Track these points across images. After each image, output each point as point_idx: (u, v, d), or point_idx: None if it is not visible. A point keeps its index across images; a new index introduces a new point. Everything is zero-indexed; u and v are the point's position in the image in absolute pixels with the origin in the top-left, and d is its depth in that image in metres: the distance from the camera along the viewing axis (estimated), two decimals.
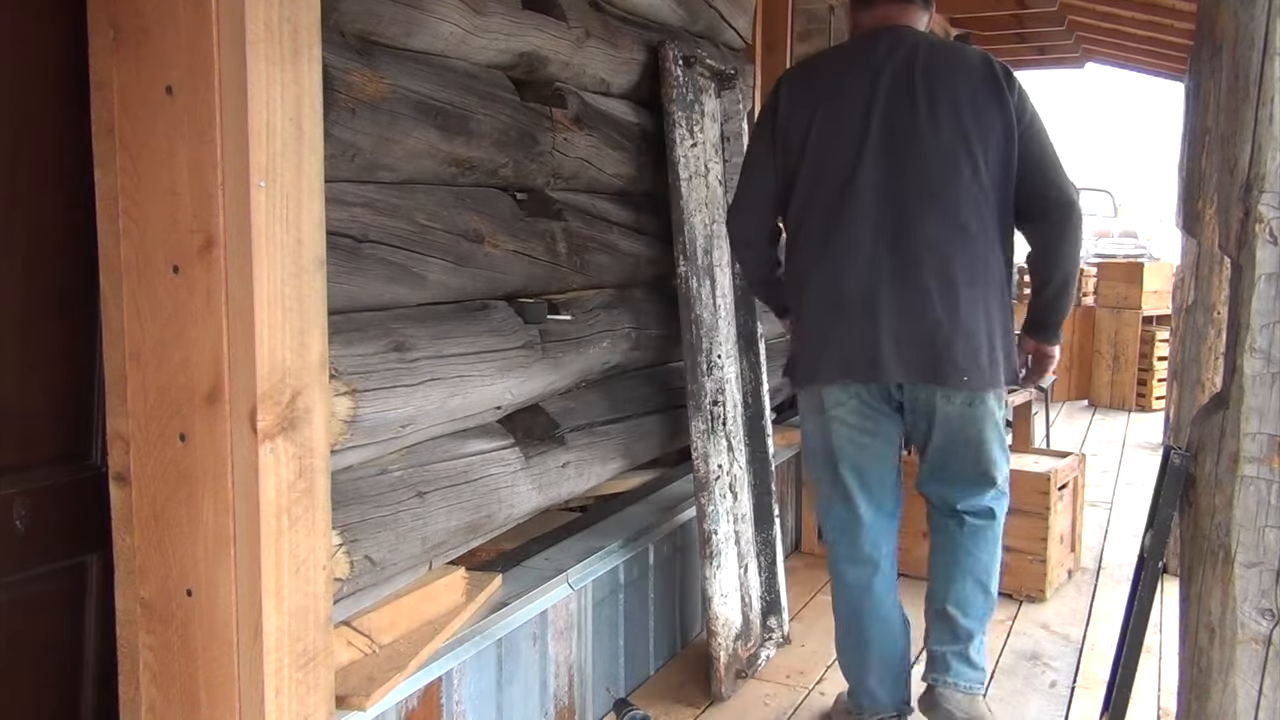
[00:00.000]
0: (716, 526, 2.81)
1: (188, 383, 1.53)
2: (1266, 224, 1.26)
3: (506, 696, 2.31)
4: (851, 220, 2.32)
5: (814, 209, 2.38)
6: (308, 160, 1.55)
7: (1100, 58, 7.58)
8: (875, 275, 2.30)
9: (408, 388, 1.98)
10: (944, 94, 2.31)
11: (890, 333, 2.29)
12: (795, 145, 2.40)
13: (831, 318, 2.35)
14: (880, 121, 2.31)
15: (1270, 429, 1.29)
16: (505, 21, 2.26)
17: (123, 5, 1.50)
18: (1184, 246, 4.77)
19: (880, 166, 2.31)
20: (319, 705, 1.64)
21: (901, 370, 2.31)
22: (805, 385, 2.48)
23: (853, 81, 2.36)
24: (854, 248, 2.31)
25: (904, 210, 2.30)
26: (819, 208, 2.37)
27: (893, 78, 2.33)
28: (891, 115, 2.31)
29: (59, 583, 1.69)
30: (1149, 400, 7.01)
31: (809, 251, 2.40)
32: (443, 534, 2.12)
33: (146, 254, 1.53)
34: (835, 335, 2.35)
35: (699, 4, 3.17)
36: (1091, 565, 3.93)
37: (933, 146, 2.29)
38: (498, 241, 2.28)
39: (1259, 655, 1.31)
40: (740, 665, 2.89)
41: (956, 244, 2.29)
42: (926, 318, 2.28)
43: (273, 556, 1.53)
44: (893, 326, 2.29)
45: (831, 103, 2.36)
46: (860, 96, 2.33)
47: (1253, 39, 1.26)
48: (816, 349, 2.40)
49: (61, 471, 1.68)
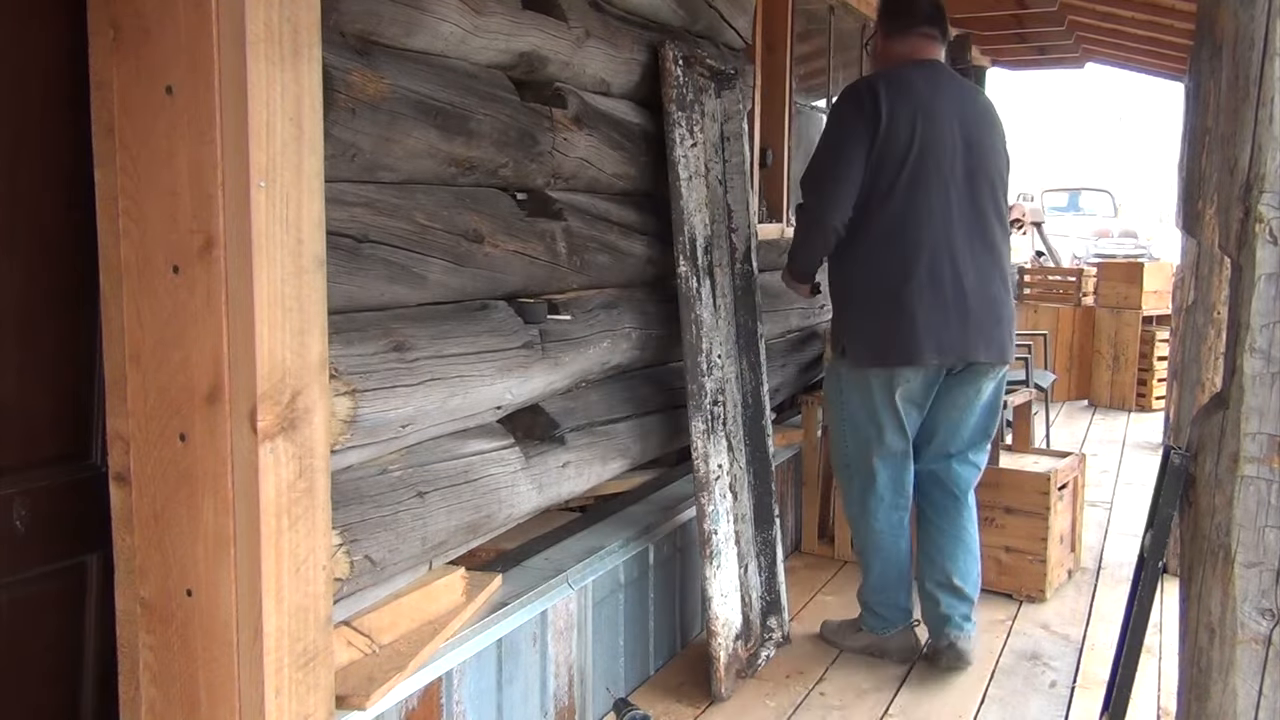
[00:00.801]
0: (716, 526, 2.81)
1: (188, 383, 1.53)
2: (1266, 224, 1.26)
3: (506, 696, 2.31)
4: (949, 222, 2.75)
5: (914, 209, 2.75)
6: (308, 160, 1.55)
7: (1100, 58, 7.58)
8: (965, 273, 2.75)
9: (408, 388, 1.98)
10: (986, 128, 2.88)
11: (976, 323, 2.76)
12: (899, 151, 2.74)
13: (928, 306, 2.72)
14: (963, 143, 2.79)
15: (1270, 429, 1.29)
16: (505, 21, 2.26)
17: (123, 5, 1.50)
18: (1184, 246, 4.77)
19: (964, 181, 2.78)
20: (319, 705, 1.64)
21: (983, 352, 2.80)
22: (893, 365, 2.80)
23: (942, 104, 2.80)
24: (951, 247, 2.74)
25: (980, 216, 2.80)
26: (919, 209, 2.74)
27: (961, 106, 2.83)
28: (969, 138, 2.80)
29: (59, 583, 1.69)
30: (1149, 400, 7.01)
31: (905, 247, 2.75)
32: (443, 534, 2.12)
33: (146, 254, 1.53)
34: (933, 321, 2.73)
35: (699, 4, 3.17)
36: (1091, 565, 3.93)
37: (992, 169, 2.85)
38: (498, 241, 2.28)
39: (1259, 655, 1.31)
40: (740, 665, 2.89)
41: (1001, 250, 2.86)
42: (996, 311, 2.80)
43: (273, 556, 1.53)
44: (978, 318, 2.76)
45: (930, 120, 2.77)
46: (950, 118, 2.79)
47: (1253, 39, 1.26)
48: (907, 332, 2.74)
49: (61, 471, 1.68)
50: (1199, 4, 1.50)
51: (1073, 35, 6.64)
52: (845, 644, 3.12)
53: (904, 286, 2.73)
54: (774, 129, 4.38)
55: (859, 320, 2.85)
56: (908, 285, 2.72)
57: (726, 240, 3.11)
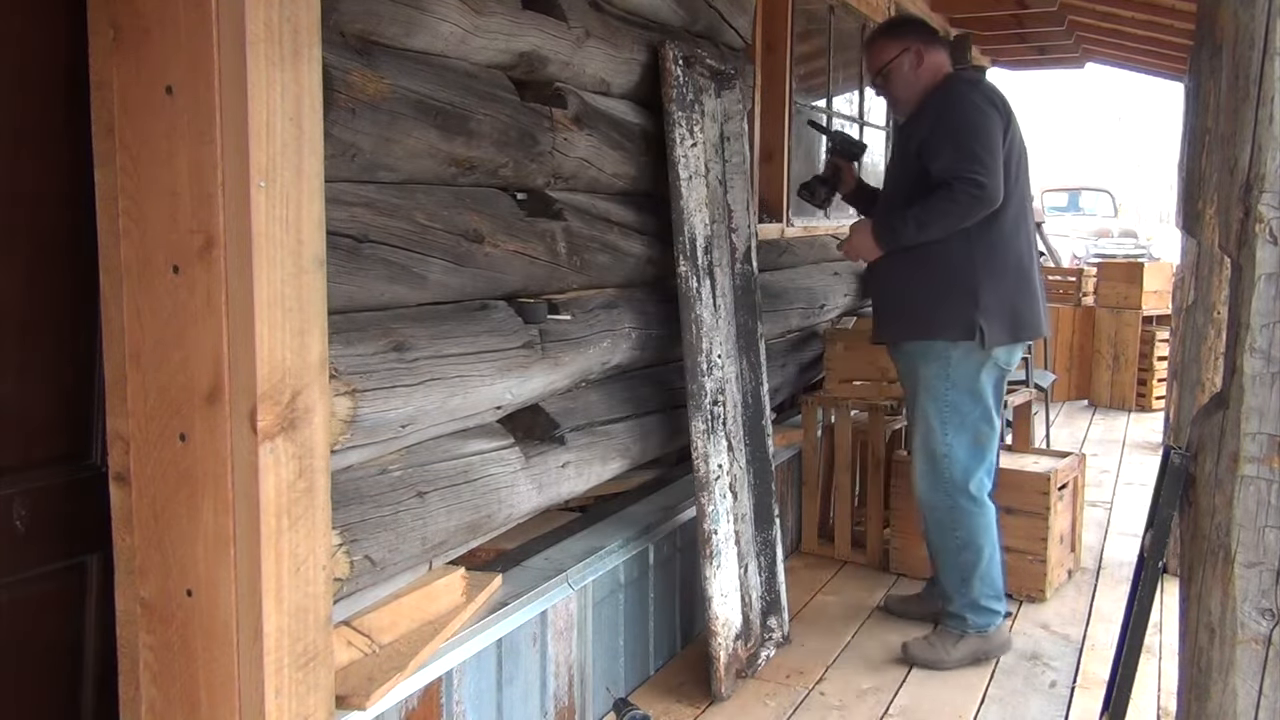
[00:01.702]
0: (716, 526, 2.81)
1: (188, 383, 1.53)
2: (1266, 224, 1.26)
3: (506, 696, 2.31)
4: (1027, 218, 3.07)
5: (1020, 198, 3.02)
6: (308, 160, 1.55)
7: (1100, 58, 7.58)
8: (1033, 263, 3.07)
9: (408, 388, 1.98)
10: None
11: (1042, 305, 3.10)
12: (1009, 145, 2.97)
13: (1020, 290, 3.00)
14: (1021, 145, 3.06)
15: (1270, 429, 1.29)
16: (505, 21, 2.26)
17: (123, 5, 1.50)
18: (1184, 246, 4.77)
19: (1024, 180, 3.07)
20: (319, 705, 1.64)
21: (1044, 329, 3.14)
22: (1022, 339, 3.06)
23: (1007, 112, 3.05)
24: (1027, 238, 3.06)
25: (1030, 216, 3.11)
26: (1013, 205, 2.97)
27: None
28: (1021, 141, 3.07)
29: (59, 583, 1.69)
30: (1149, 400, 7.00)
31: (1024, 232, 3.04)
32: (443, 534, 2.12)
33: (146, 254, 1.53)
34: (1024, 305, 3.00)
35: (699, 4, 3.17)
36: (1091, 565, 3.93)
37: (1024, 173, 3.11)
38: (498, 241, 2.28)
39: (1259, 655, 1.31)
40: (740, 665, 2.89)
41: None
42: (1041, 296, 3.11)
43: (273, 556, 1.53)
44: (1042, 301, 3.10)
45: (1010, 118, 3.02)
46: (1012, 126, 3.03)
47: (1253, 39, 1.26)
48: (1036, 309, 3.04)
49: (61, 471, 1.68)
50: (1199, 4, 1.50)
51: (1073, 35, 6.64)
52: (950, 660, 3.03)
53: (1031, 268, 3.04)
54: (774, 129, 4.38)
55: (993, 300, 2.94)
56: (1032, 268, 3.05)
57: (726, 240, 3.11)
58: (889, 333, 3.13)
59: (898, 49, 3.07)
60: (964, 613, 3.05)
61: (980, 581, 3.05)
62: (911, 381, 3.09)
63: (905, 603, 3.41)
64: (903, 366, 3.14)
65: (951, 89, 3.02)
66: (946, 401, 3.00)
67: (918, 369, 3.04)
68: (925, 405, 3.03)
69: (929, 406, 3.03)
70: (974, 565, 3.04)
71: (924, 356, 3.02)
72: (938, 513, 3.07)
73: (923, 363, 3.03)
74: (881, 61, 3.10)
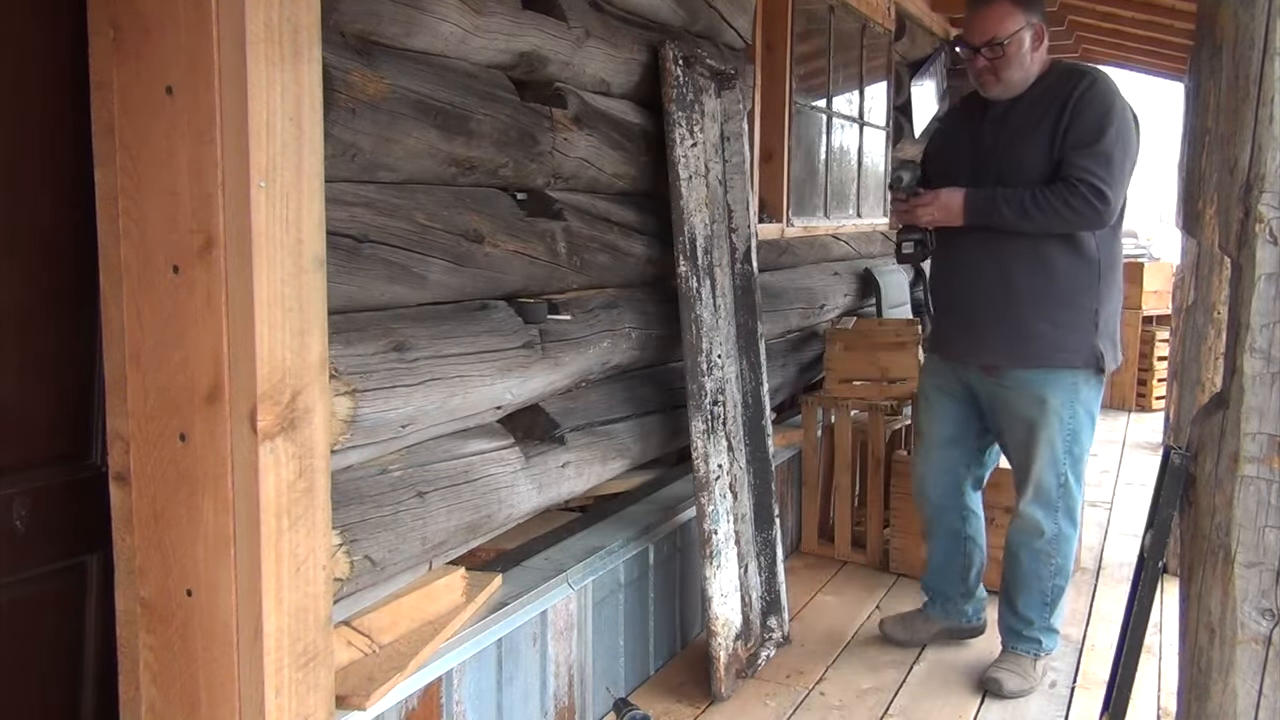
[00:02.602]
0: (716, 526, 2.81)
1: (188, 383, 1.53)
2: (1266, 224, 1.26)
3: (506, 696, 2.31)
4: None
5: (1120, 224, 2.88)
6: (308, 160, 1.55)
7: (1100, 58, 7.58)
8: None
9: (408, 388, 1.98)
10: None
11: None
12: None
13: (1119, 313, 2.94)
14: None
15: (1270, 429, 1.29)
16: (505, 21, 2.26)
17: (123, 5, 1.50)
18: (1184, 246, 4.77)
19: None
20: (319, 705, 1.64)
21: None
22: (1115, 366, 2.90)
23: None
24: None
25: None
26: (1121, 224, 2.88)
27: None
28: None
29: (59, 583, 1.69)
30: (1149, 400, 7.01)
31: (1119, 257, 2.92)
32: (443, 534, 2.12)
33: (146, 254, 1.53)
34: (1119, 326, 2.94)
35: (699, 4, 3.17)
36: (1091, 565, 3.93)
37: None
38: (498, 241, 2.28)
39: (1259, 655, 1.31)
40: (740, 665, 2.89)
41: None
42: None
43: (273, 556, 1.53)
44: None
45: None
46: None
47: (1253, 39, 1.26)
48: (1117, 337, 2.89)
49: (61, 471, 1.68)
50: (1199, 4, 1.50)
51: (1073, 35, 6.63)
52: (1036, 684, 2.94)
53: None
54: (774, 129, 4.38)
55: (1108, 324, 2.82)
56: None
57: (726, 240, 3.11)
58: (1003, 358, 2.82)
59: (1023, 21, 2.70)
60: (1042, 636, 2.95)
61: (1060, 607, 3.00)
62: (1028, 409, 2.82)
63: (908, 628, 3.21)
64: (1014, 395, 2.83)
65: (1099, 84, 2.71)
66: (1069, 430, 2.82)
67: (1044, 398, 2.79)
68: (1049, 434, 2.81)
69: (1055, 435, 2.81)
70: (1062, 591, 2.97)
71: (1052, 386, 2.78)
72: (1041, 540, 2.89)
73: (1050, 392, 2.78)
74: (1004, 31, 2.69)
